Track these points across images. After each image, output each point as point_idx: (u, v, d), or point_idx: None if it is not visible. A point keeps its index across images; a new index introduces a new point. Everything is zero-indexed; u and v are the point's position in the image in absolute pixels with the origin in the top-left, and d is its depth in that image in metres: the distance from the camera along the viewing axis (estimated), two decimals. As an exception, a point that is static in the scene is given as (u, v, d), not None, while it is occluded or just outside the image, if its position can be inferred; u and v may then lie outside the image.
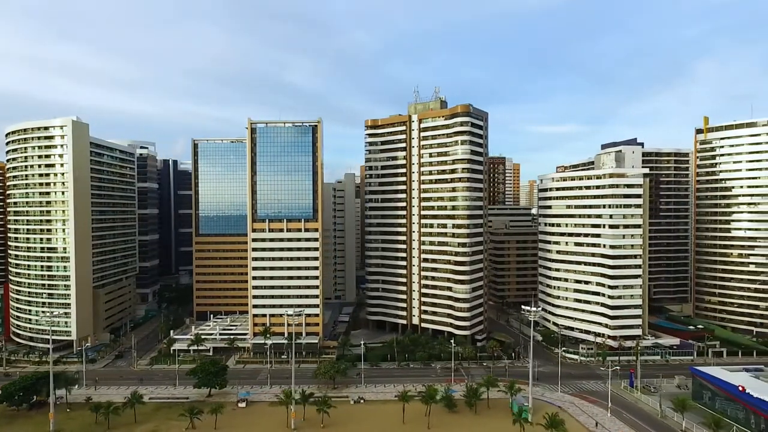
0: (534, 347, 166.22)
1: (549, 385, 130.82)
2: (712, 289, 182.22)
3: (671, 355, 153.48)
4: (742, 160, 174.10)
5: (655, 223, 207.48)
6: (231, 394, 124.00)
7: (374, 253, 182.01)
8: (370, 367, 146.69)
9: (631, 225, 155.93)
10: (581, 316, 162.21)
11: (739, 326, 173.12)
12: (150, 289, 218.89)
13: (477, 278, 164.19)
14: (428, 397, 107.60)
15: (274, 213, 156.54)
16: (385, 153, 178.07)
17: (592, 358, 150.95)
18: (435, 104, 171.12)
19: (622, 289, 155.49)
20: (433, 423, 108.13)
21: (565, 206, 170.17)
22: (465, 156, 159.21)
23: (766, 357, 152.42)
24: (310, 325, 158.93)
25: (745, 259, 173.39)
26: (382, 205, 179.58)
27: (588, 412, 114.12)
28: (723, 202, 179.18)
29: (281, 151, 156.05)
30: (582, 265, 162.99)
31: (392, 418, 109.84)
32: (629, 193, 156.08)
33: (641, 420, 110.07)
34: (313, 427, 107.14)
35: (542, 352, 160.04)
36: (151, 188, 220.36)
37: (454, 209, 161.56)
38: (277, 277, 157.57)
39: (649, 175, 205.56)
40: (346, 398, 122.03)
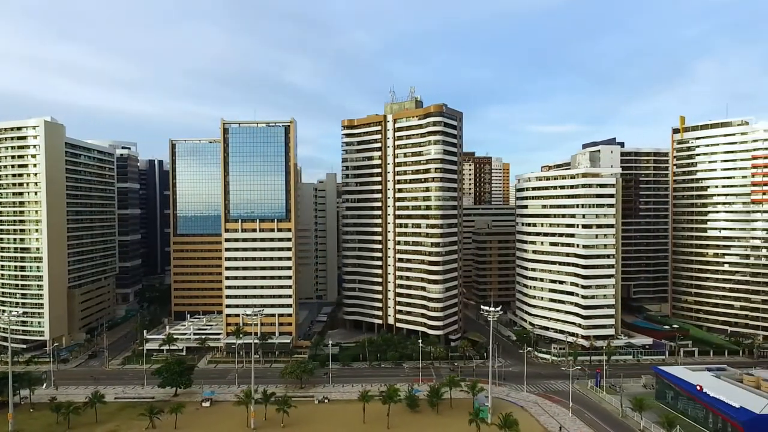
0: (508, 347, 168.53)
1: (516, 385, 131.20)
2: (688, 289, 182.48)
3: (643, 355, 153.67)
4: (717, 159, 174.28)
5: (635, 222, 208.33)
6: (197, 393, 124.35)
7: (351, 253, 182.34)
8: (341, 367, 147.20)
9: (603, 225, 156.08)
10: (556, 315, 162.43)
11: (714, 326, 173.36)
12: (131, 289, 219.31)
13: (451, 278, 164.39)
14: (388, 397, 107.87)
15: (247, 213, 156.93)
16: (361, 153, 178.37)
17: (563, 358, 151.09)
18: (410, 104, 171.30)
19: (595, 289, 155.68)
20: (394, 423, 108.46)
21: (541, 206, 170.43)
22: (438, 156, 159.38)
23: (737, 356, 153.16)
24: (284, 325, 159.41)
25: (721, 258, 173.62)
26: (358, 205, 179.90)
27: (550, 412, 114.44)
28: (699, 201, 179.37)
29: (254, 152, 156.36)
30: (557, 265, 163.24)
31: (354, 417, 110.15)
32: (602, 193, 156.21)
33: (602, 420, 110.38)
34: (273, 426, 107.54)
35: (515, 352, 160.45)
36: (132, 188, 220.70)
37: (428, 209, 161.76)
38: (251, 277, 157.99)
39: (629, 175, 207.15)
40: (311, 398, 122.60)
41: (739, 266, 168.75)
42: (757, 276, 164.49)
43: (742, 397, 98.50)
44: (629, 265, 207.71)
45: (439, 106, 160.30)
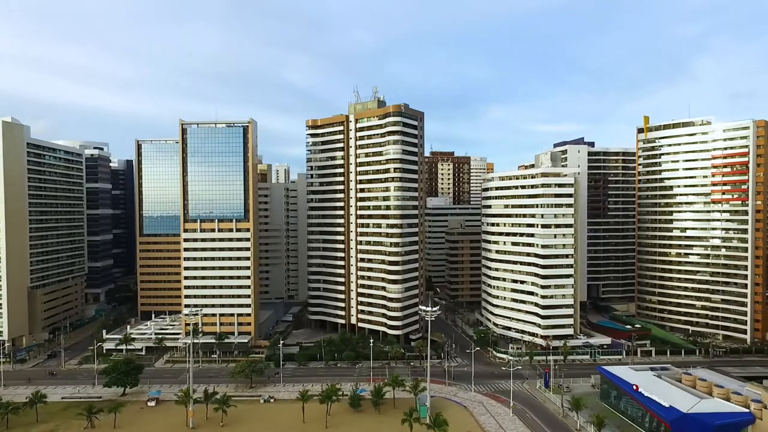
0: (469, 347, 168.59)
1: (466, 385, 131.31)
2: (652, 289, 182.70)
3: (600, 355, 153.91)
4: (679, 159, 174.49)
5: (604, 222, 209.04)
6: (146, 393, 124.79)
7: (315, 252, 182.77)
8: (297, 366, 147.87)
9: (562, 225, 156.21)
10: (517, 315, 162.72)
11: (677, 325, 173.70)
12: (102, 289, 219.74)
13: (411, 278, 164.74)
14: (326, 397, 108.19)
15: (205, 213, 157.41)
16: (325, 153, 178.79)
17: (519, 358, 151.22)
18: (373, 104, 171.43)
19: (553, 289, 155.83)
20: (334, 422, 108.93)
21: (503, 206, 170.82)
22: (397, 155, 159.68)
23: (693, 356, 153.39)
24: (243, 325, 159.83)
25: (683, 258, 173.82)
26: (322, 205, 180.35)
27: (492, 412, 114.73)
28: (662, 201, 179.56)
29: (213, 152, 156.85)
30: (518, 265, 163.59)
31: (295, 417, 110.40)
32: (560, 193, 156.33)
33: (542, 419, 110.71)
34: (213, 426, 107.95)
35: (478, 352, 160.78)
36: (103, 189, 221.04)
37: (387, 209, 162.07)
38: (209, 277, 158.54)
39: (597, 175, 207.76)
40: (258, 397, 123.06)
41: (700, 266, 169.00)
42: (716, 276, 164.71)
43: (674, 397, 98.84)
44: (598, 265, 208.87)
45: (398, 107, 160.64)
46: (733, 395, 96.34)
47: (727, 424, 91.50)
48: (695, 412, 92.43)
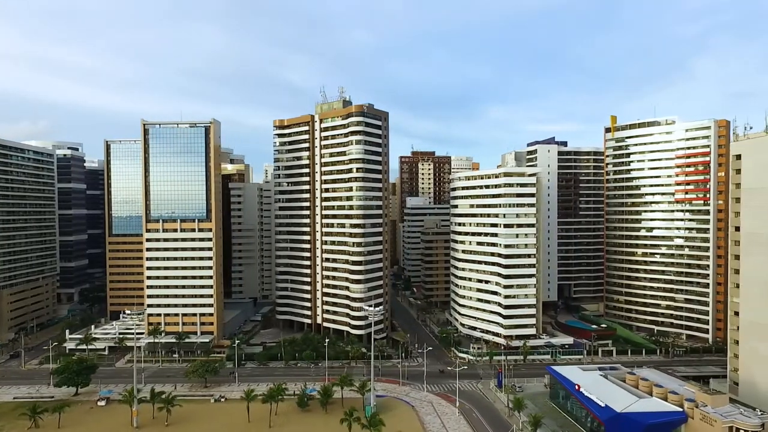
0: (435, 347, 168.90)
1: (420, 385, 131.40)
2: (620, 288, 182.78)
3: (562, 354, 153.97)
4: (645, 159, 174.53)
5: (575, 222, 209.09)
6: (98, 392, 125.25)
7: (283, 252, 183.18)
8: (257, 366, 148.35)
9: (524, 224, 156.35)
10: (482, 315, 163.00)
11: (643, 325, 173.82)
12: (75, 289, 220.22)
13: (374, 278, 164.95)
14: (268, 396, 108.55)
15: (167, 213, 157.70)
16: (291, 153, 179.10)
17: (479, 358, 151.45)
18: (338, 104, 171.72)
19: (516, 289, 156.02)
20: (279, 422, 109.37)
21: (469, 205, 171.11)
22: (359, 155, 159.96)
23: (654, 355, 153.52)
24: (205, 324, 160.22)
25: (649, 258, 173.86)
26: (289, 205, 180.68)
27: (439, 411, 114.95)
28: (629, 201, 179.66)
29: (175, 152, 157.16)
30: (483, 265, 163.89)
31: (242, 416, 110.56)
32: (522, 192, 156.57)
33: (487, 419, 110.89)
34: (157, 425, 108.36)
35: (440, 352, 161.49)
36: (77, 189, 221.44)
37: (351, 209, 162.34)
38: (172, 277, 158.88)
39: (569, 175, 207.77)
40: (209, 397, 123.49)
41: (665, 266, 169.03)
42: (680, 275, 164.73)
43: (613, 396, 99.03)
44: (569, 265, 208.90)
45: (360, 107, 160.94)
46: (671, 395, 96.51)
47: (660, 423, 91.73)
48: (629, 412, 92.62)
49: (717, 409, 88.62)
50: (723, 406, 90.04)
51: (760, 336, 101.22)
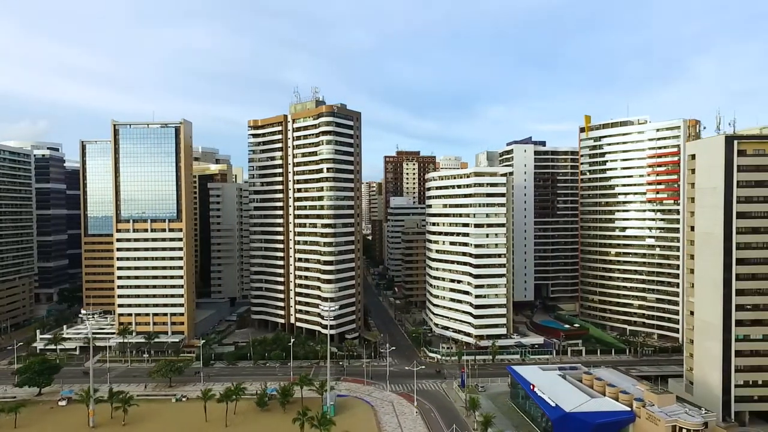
0: (408, 346, 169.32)
1: (384, 384, 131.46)
2: (594, 288, 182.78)
3: (531, 354, 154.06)
4: (617, 159, 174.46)
5: (553, 222, 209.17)
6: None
7: (257, 252, 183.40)
8: (226, 365, 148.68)
9: (494, 224, 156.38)
10: (454, 315, 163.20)
11: (616, 324, 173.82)
12: (54, 289, 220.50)
13: (346, 278, 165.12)
14: (224, 396, 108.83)
15: (138, 214, 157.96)
16: (265, 153, 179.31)
17: (448, 357, 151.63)
18: (312, 104, 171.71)
19: (486, 289, 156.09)
20: (236, 421, 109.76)
21: (442, 205, 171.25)
22: (330, 155, 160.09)
23: (623, 355, 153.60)
24: (176, 324, 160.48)
25: (622, 257, 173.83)
26: (263, 205, 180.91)
27: (399, 411, 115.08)
28: (603, 200, 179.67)
29: (145, 152, 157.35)
30: (455, 265, 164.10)
31: (201, 416, 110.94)
32: (492, 192, 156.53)
33: (445, 419, 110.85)
34: (114, 425, 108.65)
35: (411, 352, 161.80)
36: (56, 189, 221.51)
37: (322, 209, 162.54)
38: (143, 277, 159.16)
39: (546, 174, 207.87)
40: (171, 396, 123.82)
41: (637, 265, 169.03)
42: (651, 275, 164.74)
43: (565, 396, 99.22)
44: (547, 264, 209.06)
45: (330, 107, 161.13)
46: (622, 394, 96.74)
47: (608, 423, 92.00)
48: (577, 411, 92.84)
49: (663, 409, 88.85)
50: (669, 405, 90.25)
51: (711, 336, 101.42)
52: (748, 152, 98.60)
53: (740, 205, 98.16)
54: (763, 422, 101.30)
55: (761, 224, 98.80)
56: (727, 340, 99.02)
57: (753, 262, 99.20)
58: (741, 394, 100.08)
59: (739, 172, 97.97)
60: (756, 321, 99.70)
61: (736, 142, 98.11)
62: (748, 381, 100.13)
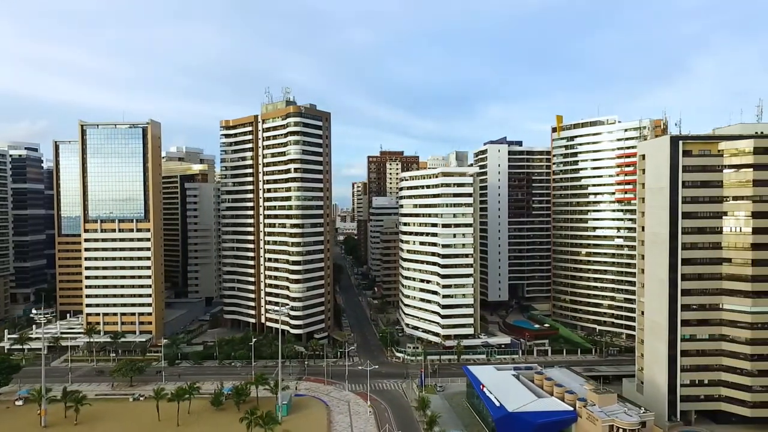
0: (377, 346, 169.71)
1: (344, 384, 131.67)
2: (565, 288, 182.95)
3: (498, 354, 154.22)
4: (588, 159, 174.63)
5: (528, 222, 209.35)
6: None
7: (229, 252, 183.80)
8: (191, 365, 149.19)
9: (462, 224, 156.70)
10: (423, 315, 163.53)
11: (587, 324, 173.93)
12: (31, 289, 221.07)
13: (315, 278, 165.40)
14: (175, 395, 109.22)
15: (105, 214, 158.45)
16: (237, 153, 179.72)
17: (414, 357, 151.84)
18: (282, 105, 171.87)
19: (453, 289, 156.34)
20: (189, 420, 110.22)
21: (413, 205, 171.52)
22: (297, 156, 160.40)
23: (589, 354, 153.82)
24: (144, 324, 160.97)
25: (592, 257, 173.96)
26: (235, 205, 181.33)
27: (353, 411, 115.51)
28: (574, 200, 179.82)
29: (113, 153, 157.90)
30: (424, 264, 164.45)
31: (155, 415, 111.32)
32: (459, 192, 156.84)
33: (398, 419, 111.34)
34: (67, 424, 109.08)
35: (379, 351, 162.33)
36: (33, 189, 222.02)
37: (290, 209, 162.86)
38: (111, 277, 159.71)
39: (521, 174, 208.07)
40: (129, 396, 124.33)
41: (606, 265, 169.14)
42: (620, 275, 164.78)
43: (512, 396, 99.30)
44: (523, 264, 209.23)
45: (298, 107, 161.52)
46: (567, 394, 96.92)
47: (550, 422, 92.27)
48: (520, 411, 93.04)
49: (604, 408, 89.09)
50: (611, 405, 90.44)
51: (658, 336, 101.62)
52: (694, 153, 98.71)
53: (686, 205, 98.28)
54: (709, 421, 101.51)
55: (707, 224, 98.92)
56: (673, 340, 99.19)
57: (699, 263, 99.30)
58: (687, 393, 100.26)
59: (684, 173, 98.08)
60: (702, 321, 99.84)
61: (681, 142, 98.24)
62: (694, 380, 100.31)
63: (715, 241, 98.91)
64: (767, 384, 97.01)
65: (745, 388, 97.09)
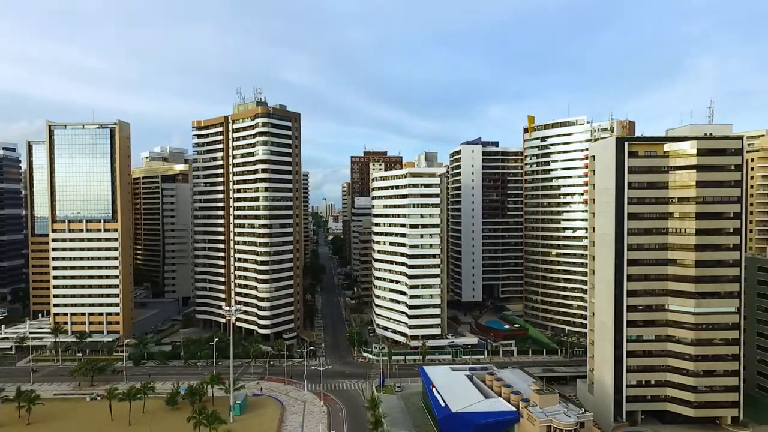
0: (345, 346, 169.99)
1: (304, 383, 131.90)
2: (536, 288, 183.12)
3: (464, 354, 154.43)
4: (558, 159, 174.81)
5: (503, 222, 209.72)
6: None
7: (201, 252, 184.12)
8: (156, 364, 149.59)
9: (429, 225, 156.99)
10: (393, 315, 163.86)
11: (556, 324, 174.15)
12: (8, 288, 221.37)
13: (283, 278, 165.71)
14: (127, 395, 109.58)
15: (73, 214, 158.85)
16: (208, 154, 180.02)
17: (379, 358, 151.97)
18: (253, 105, 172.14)
19: (421, 289, 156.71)
20: (142, 419, 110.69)
21: (383, 206, 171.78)
22: (265, 156, 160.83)
23: (555, 355, 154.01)
24: (111, 323, 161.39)
25: (561, 258, 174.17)
26: (206, 205, 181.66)
27: (308, 410, 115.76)
28: (545, 201, 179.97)
29: (80, 153, 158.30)
30: (394, 265, 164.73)
31: (109, 414, 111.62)
32: (426, 193, 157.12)
33: (351, 419, 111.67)
34: (20, 424, 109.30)
35: (347, 351, 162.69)
36: (11, 189, 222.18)
37: (258, 209, 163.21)
38: (78, 277, 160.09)
39: (496, 175, 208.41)
40: (87, 395, 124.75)
41: (575, 266, 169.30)
42: (588, 275, 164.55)
43: (460, 396, 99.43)
44: (498, 265, 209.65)
45: (266, 108, 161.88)
46: (513, 395, 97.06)
47: (491, 423, 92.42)
48: (463, 411, 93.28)
49: (545, 409, 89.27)
50: (552, 405, 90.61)
51: (605, 336, 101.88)
52: (640, 154, 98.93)
53: (632, 206, 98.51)
54: (656, 421, 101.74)
55: (653, 225, 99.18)
56: (619, 340, 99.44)
57: (645, 264, 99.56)
58: (634, 393, 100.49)
59: (630, 174, 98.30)
60: (648, 322, 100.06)
61: (627, 143, 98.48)
62: (641, 381, 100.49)
63: (662, 242, 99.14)
64: (711, 384, 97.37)
65: (689, 389, 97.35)
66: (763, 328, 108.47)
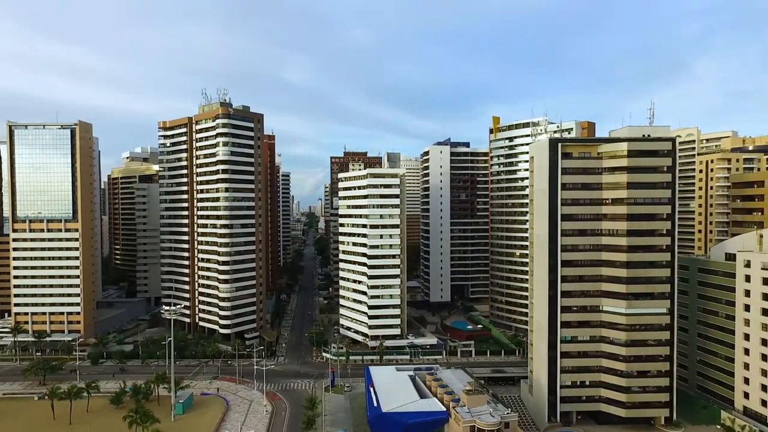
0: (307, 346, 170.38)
1: (255, 383, 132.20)
2: (501, 289, 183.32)
3: (422, 355, 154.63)
4: (522, 160, 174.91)
5: (473, 222, 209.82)
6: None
7: (167, 252, 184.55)
8: (114, 364, 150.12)
9: (389, 225, 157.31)
10: (355, 315, 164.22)
11: (520, 325, 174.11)
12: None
13: (244, 278, 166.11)
14: (67, 394, 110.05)
15: (34, 214, 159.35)
16: (174, 154, 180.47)
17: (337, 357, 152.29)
18: (217, 105, 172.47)
19: (381, 289, 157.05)
20: (84, 419, 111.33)
21: (347, 206, 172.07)
22: (225, 156, 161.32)
23: (513, 355, 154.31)
24: (72, 323, 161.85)
25: (525, 258, 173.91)
26: (171, 205, 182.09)
27: (252, 410, 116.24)
28: (509, 202, 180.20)
29: (41, 153, 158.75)
30: (356, 265, 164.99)
31: (55, 413, 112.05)
32: (386, 193, 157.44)
33: (291, 418, 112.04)
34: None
35: (307, 351, 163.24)
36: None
37: (219, 209, 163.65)
38: (39, 277, 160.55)
39: (465, 176, 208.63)
40: (35, 394, 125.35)
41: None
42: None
43: (394, 396, 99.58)
44: (467, 265, 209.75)
45: (226, 108, 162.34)
46: (446, 395, 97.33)
47: (420, 423, 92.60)
48: (393, 411, 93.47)
49: (472, 409, 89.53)
50: (480, 405, 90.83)
51: (541, 337, 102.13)
52: (575, 155, 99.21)
53: (565, 207, 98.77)
54: (592, 422, 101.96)
55: (587, 227, 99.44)
56: (553, 341, 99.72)
57: (579, 264, 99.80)
58: (569, 394, 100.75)
59: (564, 175, 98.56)
60: (583, 322, 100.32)
61: (561, 144, 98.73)
62: (575, 381, 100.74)
63: (596, 244, 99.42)
64: (644, 385, 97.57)
65: (622, 389, 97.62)
66: (703, 329, 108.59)
